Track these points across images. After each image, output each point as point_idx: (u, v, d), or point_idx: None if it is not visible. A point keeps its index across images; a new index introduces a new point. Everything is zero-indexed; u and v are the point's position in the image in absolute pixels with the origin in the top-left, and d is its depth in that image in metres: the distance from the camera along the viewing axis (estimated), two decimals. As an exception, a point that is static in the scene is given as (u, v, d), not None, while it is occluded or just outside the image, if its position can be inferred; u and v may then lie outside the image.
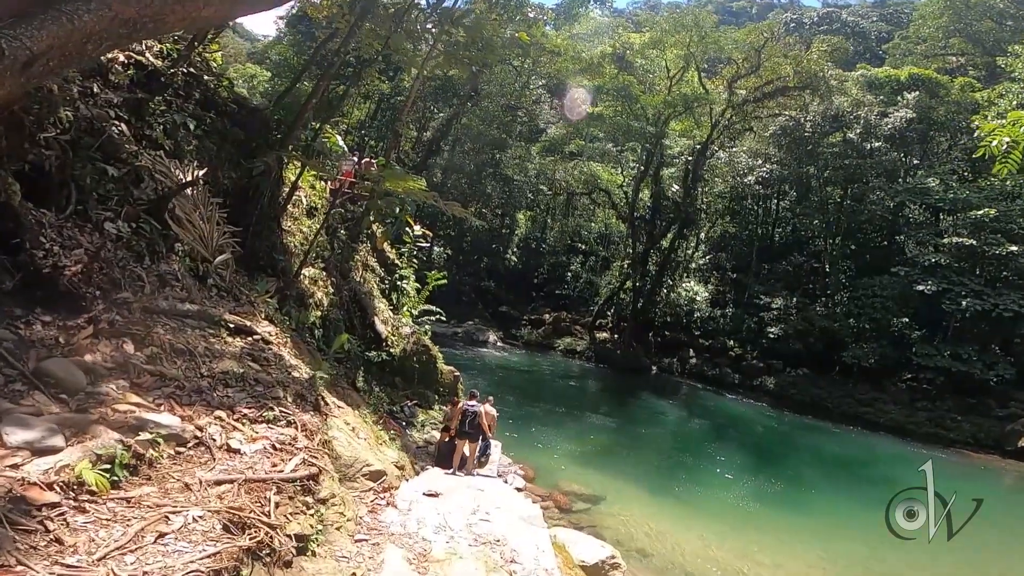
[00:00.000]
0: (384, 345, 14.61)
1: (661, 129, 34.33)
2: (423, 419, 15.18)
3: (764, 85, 33.30)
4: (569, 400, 24.34)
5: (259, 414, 5.07)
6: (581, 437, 19.08)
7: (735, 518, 14.83)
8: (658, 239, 35.78)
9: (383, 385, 14.78)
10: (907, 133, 33.09)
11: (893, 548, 12.94)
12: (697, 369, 33.75)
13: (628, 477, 16.22)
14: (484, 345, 34.23)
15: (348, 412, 7.45)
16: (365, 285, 16.28)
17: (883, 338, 30.87)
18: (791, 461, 20.37)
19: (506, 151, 40.31)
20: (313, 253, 13.94)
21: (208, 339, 5.54)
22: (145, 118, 8.07)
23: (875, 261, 35.23)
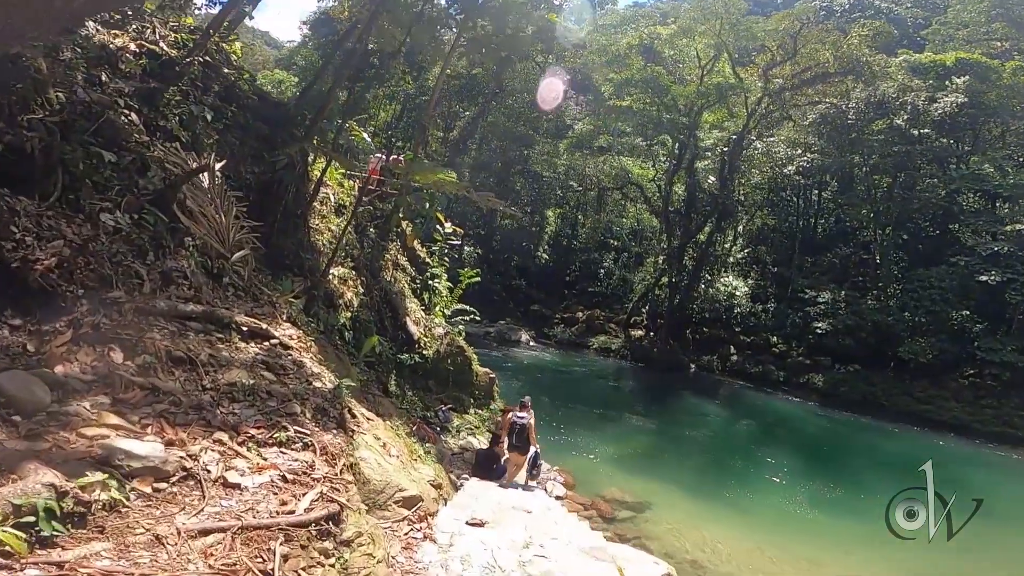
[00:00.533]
0: (417, 347, 13.77)
1: (694, 120, 32.72)
2: (458, 424, 14.27)
3: (802, 72, 31.41)
4: (606, 401, 23.14)
5: (269, 435, 4.18)
6: (621, 440, 17.90)
7: (793, 526, 13.53)
8: (694, 233, 34.15)
9: (416, 389, 13.93)
10: (958, 119, 30.82)
11: (971, 556, 11.56)
12: (738, 367, 32.02)
13: (673, 482, 15.00)
14: (516, 345, 33.27)
15: (379, 424, 6.55)
16: (396, 285, 15.48)
17: (941, 332, 28.64)
18: (849, 463, 18.73)
19: (533, 147, 39.26)
20: (342, 252, 13.21)
21: (214, 345, 4.70)
22: (159, 108, 7.39)
23: (928, 251, 33.04)
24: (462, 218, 43.51)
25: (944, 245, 32.83)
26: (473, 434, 14.44)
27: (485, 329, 34.82)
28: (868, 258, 35.06)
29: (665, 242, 35.19)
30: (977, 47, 40.15)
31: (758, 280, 36.69)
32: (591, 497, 13.19)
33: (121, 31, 7.10)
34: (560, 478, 13.74)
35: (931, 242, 33.92)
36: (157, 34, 8.14)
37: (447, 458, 13.00)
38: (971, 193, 31.84)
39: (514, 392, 21.28)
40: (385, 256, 15.59)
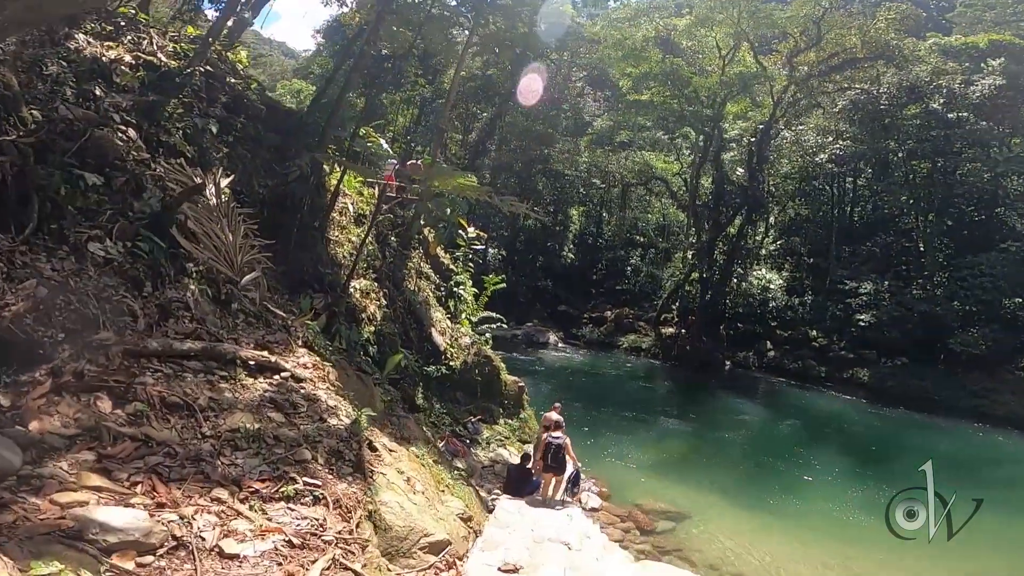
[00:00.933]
0: (443, 358, 13.27)
1: (718, 111, 31.47)
2: (488, 435, 13.72)
3: (829, 58, 29.88)
4: (638, 402, 22.27)
5: (276, 489, 3.66)
6: (656, 444, 17.06)
7: (844, 534, 12.46)
8: (724, 226, 32.87)
9: (444, 401, 13.45)
10: (998, 101, 28.94)
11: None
12: (776, 362, 30.64)
13: (713, 489, 14.12)
14: (545, 347, 32.59)
15: (403, 455, 6.00)
16: (420, 294, 15.02)
17: (994, 321, 26.84)
18: (901, 464, 17.35)
19: (554, 146, 38.49)
20: (363, 263, 12.80)
21: (216, 385, 4.22)
22: (161, 122, 7.02)
23: (975, 237, 31.14)
24: (485, 220, 43.04)
25: (992, 230, 31.09)
26: (503, 445, 13.87)
27: (513, 332, 34.22)
28: (911, 246, 33.27)
29: (694, 237, 34.00)
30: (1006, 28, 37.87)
31: (793, 272, 35.17)
32: (627, 507, 12.48)
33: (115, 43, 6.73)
34: (595, 488, 13.08)
35: (977, 227, 32.06)
36: (155, 45, 7.80)
37: (478, 472, 12.47)
38: (1016, 176, 29.88)
39: (544, 396, 20.65)
40: (408, 265, 15.16)
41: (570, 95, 42.36)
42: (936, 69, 29.42)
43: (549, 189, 40.81)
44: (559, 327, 35.24)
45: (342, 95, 11.38)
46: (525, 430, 14.95)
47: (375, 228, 14.57)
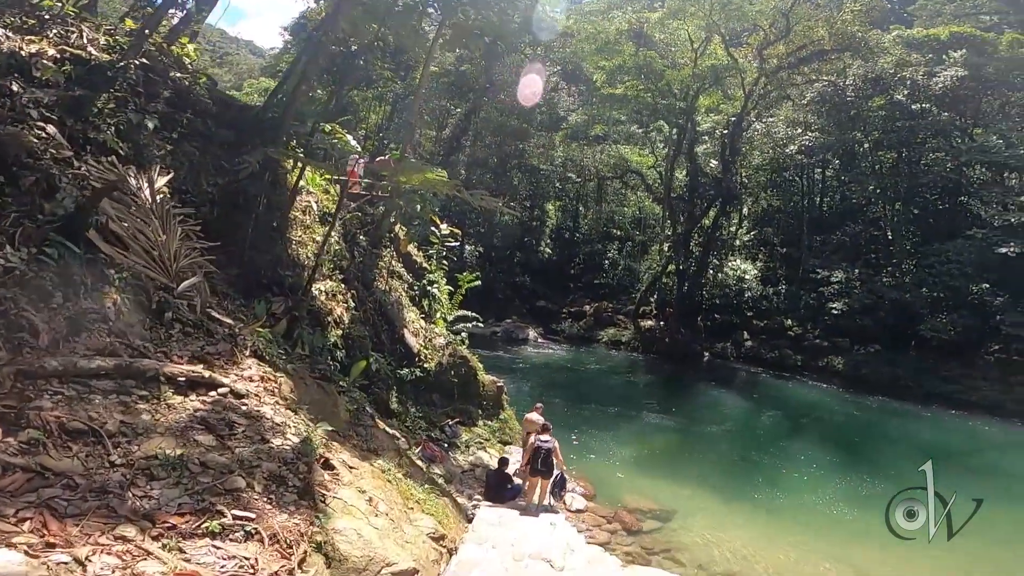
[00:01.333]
0: (417, 360, 12.71)
1: (691, 104, 31.42)
2: (467, 438, 13.22)
3: (797, 50, 30.04)
4: (620, 397, 22.01)
5: (197, 524, 3.11)
6: (639, 440, 16.77)
7: (831, 528, 12.32)
8: (699, 218, 32.87)
9: (420, 405, 12.90)
10: (959, 92, 29.50)
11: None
12: (754, 352, 30.78)
13: (698, 485, 13.85)
14: (524, 343, 32.17)
15: (365, 472, 5.46)
16: (392, 294, 14.41)
17: (962, 307, 27.28)
18: (883, 453, 17.50)
19: (529, 141, 38.03)
20: (329, 264, 12.16)
21: (131, 407, 3.64)
22: (89, 119, 6.33)
23: (940, 225, 31.74)
24: (460, 217, 42.37)
25: (957, 218, 31.68)
26: (483, 448, 13.41)
27: (491, 329, 33.75)
28: (879, 235, 33.81)
29: (670, 229, 33.96)
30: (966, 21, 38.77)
31: (767, 262, 35.45)
32: (613, 507, 12.13)
33: (38, 36, 6.01)
34: (579, 489, 12.71)
35: (942, 216, 32.65)
36: (85, 39, 7.09)
37: (457, 477, 11.96)
38: (978, 166, 30.47)
39: (525, 395, 20.21)
40: (378, 265, 14.53)
41: (544, 89, 41.84)
42: (900, 60, 29.85)
43: (525, 184, 40.35)
44: (538, 323, 34.87)
45: (298, 87, 10.70)
46: (505, 431, 14.51)
47: (342, 227, 13.95)
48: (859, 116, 32.55)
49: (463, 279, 15.61)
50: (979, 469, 15.78)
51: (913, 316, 28.13)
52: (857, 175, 35.05)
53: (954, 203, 32.22)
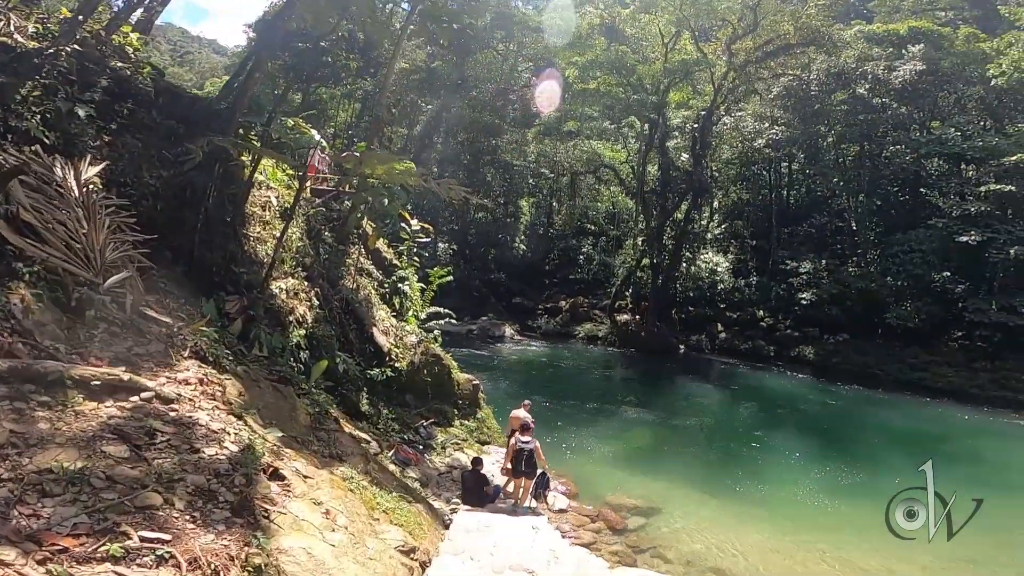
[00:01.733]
0: (388, 360, 12.10)
1: (662, 98, 31.41)
2: (443, 439, 12.68)
3: (764, 44, 30.34)
4: (598, 393, 21.75)
5: (95, 546, 2.55)
6: (620, 436, 16.47)
7: (813, 519, 12.23)
8: (671, 212, 32.91)
9: (392, 406, 12.29)
10: (918, 86, 30.22)
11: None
12: (728, 344, 30.97)
13: (680, 479, 13.63)
14: (501, 340, 31.69)
15: (323, 481, 4.91)
16: (360, 292, 13.76)
17: (926, 295, 27.97)
18: (860, 442, 17.63)
19: (502, 136, 37.53)
20: (292, 262, 11.47)
21: (27, 415, 3.04)
22: (11, 107, 5.65)
23: (901, 217, 32.61)
24: (434, 214, 41.61)
25: (917, 209, 32.48)
26: (460, 448, 12.89)
27: (467, 327, 33.18)
28: (843, 226, 34.47)
29: (643, 223, 33.95)
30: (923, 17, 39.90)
31: (738, 255, 35.78)
32: (597, 506, 11.79)
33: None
34: (562, 487, 12.33)
35: (903, 207, 33.49)
36: (12, 26, 6.40)
37: (434, 480, 11.42)
38: (936, 158, 31.25)
39: (503, 393, 19.74)
40: (346, 262, 13.86)
41: (517, 84, 41.40)
42: (862, 55, 30.36)
43: (498, 180, 39.85)
44: (515, 320, 34.43)
45: (251, 75, 10.00)
46: (483, 430, 14.01)
47: (307, 224, 13.27)
48: (823, 110, 33.14)
49: (435, 274, 15.06)
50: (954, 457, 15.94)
51: (879, 305, 28.68)
52: (822, 168, 35.67)
53: (914, 194, 33.01)
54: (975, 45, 29.63)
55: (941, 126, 30.56)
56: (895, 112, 31.00)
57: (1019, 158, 25.15)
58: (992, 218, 25.92)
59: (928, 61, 29.90)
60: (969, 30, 30.58)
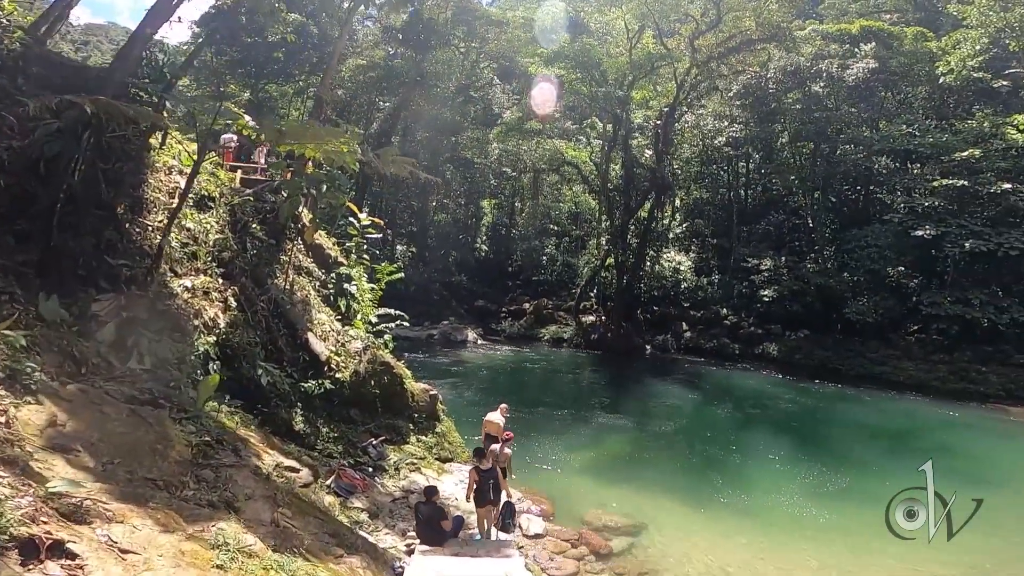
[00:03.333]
0: (327, 370, 10.14)
1: (627, 93, 30.49)
2: (396, 459, 10.79)
3: (727, 40, 29.91)
4: (568, 398, 20.26)
5: None
6: (594, 445, 14.97)
7: (806, 527, 11.20)
8: (635, 210, 31.95)
9: (334, 422, 10.33)
10: (871, 83, 30.43)
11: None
12: (693, 343, 30.15)
13: (662, 490, 12.29)
14: (463, 345, 29.84)
15: (157, 559, 3.06)
16: (297, 293, 11.75)
17: (882, 290, 27.94)
18: (836, 440, 16.77)
19: (462, 134, 35.78)
20: (206, 256, 9.40)
21: None
22: None
23: (854, 213, 32.91)
24: (391, 215, 39.41)
25: (868, 206, 32.87)
26: (417, 468, 11.00)
27: (428, 332, 31.18)
28: (799, 223, 34.45)
29: (607, 221, 32.87)
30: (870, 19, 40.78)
31: (699, 253, 35.23)
32: (576, 527, 10.31)
33: None
34: (536, 508, 10.70)
35: (855, 204, 33.80)
36: None
37: (386, 509, 9.51)
38: (885, 156, 31.53)
39: (467, 402, 17.90)
40: (279, 259, 11.82)
41: (479, 82, 39.75)
42: (819, 52, 30.30)
43: (459, 179, 38.04)
44: (477, 323, 32.65)
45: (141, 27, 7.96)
46: (444, 446, 12.18)
47: (230, 214, 11.19)
48: (779, 109, 33.11)
49: (382, 270, 13.16)
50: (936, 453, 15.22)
51: (837, 300, 28.53)
52: (778, 166, 35.67)
53: (866, 192, 33.31)
54: (923, 44, 29.98)
55: (889, 124, 30.81)
56: (847, 110, 31.08)
57: (971, 153, 25.32)
58: (946, 212, 26.00)
59: (879, 60, 30.08)
60: (917, 29, 30.98)
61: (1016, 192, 24.70)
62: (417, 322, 32.98)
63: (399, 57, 39.16)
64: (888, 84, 31.02)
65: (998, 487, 12.92)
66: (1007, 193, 24.73)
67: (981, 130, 26.90)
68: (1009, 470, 14.83)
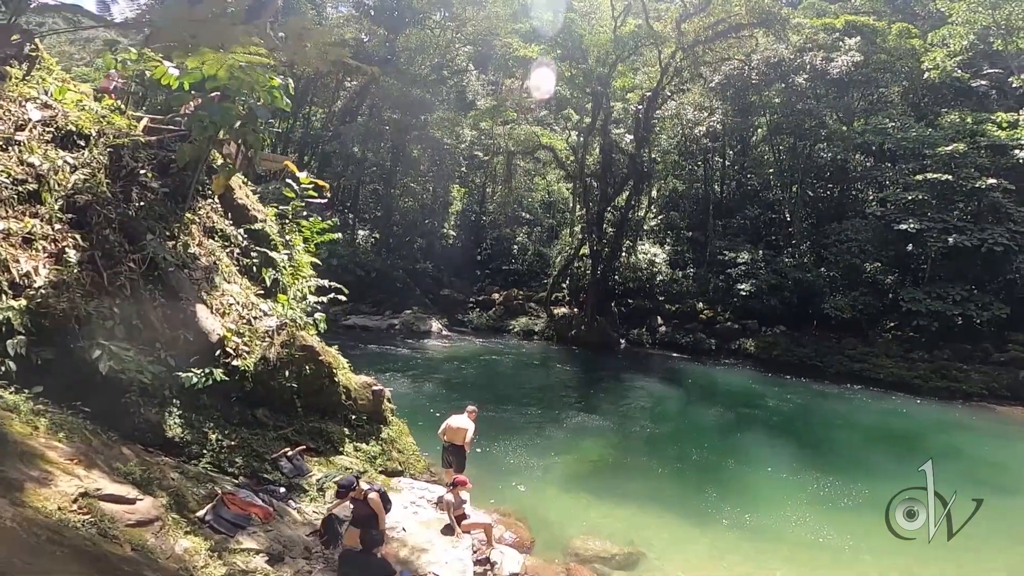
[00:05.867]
0: (222, 355, 7.30)
1: (610, 72, 28.23)
2: (322, 475, 7.97)
3: (715, 24, 28.00)
4: (540, 396, 17.75)
5: None
6: (572, 449, 12.50)
7: (824, 548, 9.16)
8: (612, 198, 29.73)
9: (232, 427, 7.49)
10: (854, 77, 29.16)
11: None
12: (669, 338, 28.15)
13: (655, 505, 10.02)
14: (427, 336, 26.97)
15: None
16: (203, 259, 8.82)
17: (861, 285, 26.63)
18: (834, 442, 14.87)
19: (433, 112, 32.76)
20: (51, 197, 6.44)
21: None
22: None
23: (831, 208, 31.80)
24: (353, 199, 36.15)
25: (844, 202, 31.97)
26: (349, 487, 8.25)
27: (388, 322, 28.14)
28: (775, 217, 33.15)
29: (582, 208, 30.55)
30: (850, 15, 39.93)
31: (674, 246, 33.38)
32: (563, 558, 8.02)
33: None
34: (510, 535, 8.15)
35: (832, 199, 32.73)
36: None
37: (299, 547, 6.69)
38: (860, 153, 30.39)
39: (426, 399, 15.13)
40: (184, 218, 8.85)
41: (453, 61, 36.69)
42: (808, 40, 28.80)
43: (426, 160, 34.99)
44: (443, 313, 29.79)
45: None
46: (392, 456, 9.40)
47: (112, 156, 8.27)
48: (760, 102, 31.79)
49: (309, 227, 10.28)
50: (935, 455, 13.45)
51: (815, 295, 27.16)
52: (756, 159, 34.25)
53: (843, 187, 32.23)
54: (906, 41, 28.79)
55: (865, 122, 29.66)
56: (829, 103, 29.75)
57: (955, 148, 24.16)
58: (928, 207, 24.73)
59: (864, 54, 28.82)
60: (903, 25, 29.81)
61: (999, 188, 23.61)
62: (377, 311, 30.04)
63: (373, 38, 35.85)
64: (870, 80, 29.76)
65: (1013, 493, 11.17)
66: (990, 189, 23.60)
67: (964, 126, 25.83)
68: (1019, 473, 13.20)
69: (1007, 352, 22.40)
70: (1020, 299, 22.85)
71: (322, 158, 34.00)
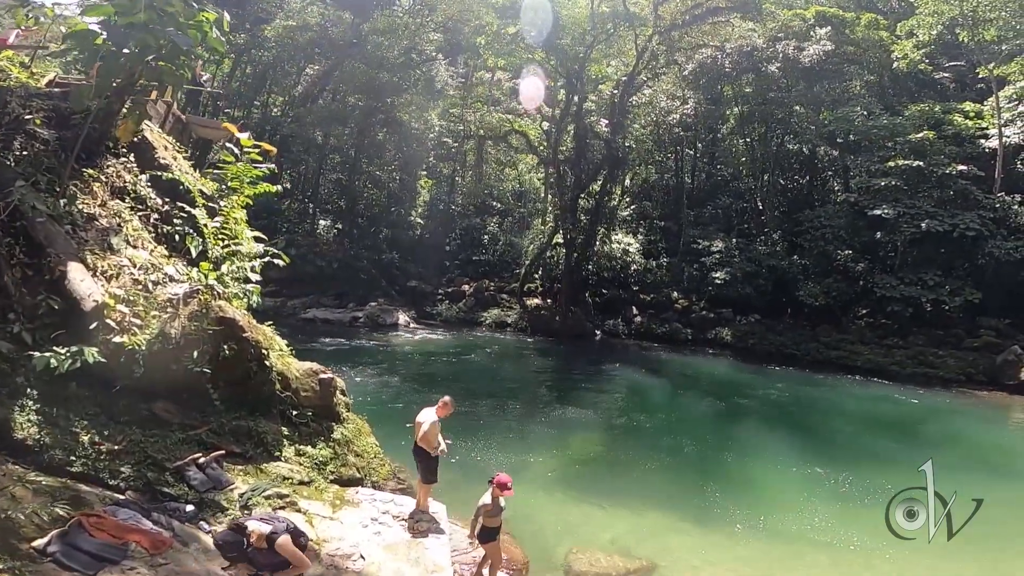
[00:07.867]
0: (99, 328, 5.37)
1: (586, 53, 26.92)
2: (247, 488, 6.06)
3: (692, 8, 27.11)
4: (518, 388, 16.18)
5: None
6: (557, 447, 10.95)
7: (850, 552, 7.82)
8: (586, 184, 28.44)
9: (118, 425, 5.56)
10: (825, 67, 28.82)
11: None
12: (645, 328, 27.05)
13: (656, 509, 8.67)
14: (394, 328, 25.01)
15: None
16: (103, 219, 6.82)
17: (834, 272, 26.17)
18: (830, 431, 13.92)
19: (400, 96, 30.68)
20: None
21: None
22: None
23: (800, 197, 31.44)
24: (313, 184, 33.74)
25: (813, 191, 31.73)
26: (292, 502, 6.30)
27: (352, 314, 26.02)
28: (747, 206, 32.65)
29: (556, 195, 29.13)
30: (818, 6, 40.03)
31: (648, 236, 32.40)
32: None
33: None
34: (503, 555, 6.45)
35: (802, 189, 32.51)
36: None
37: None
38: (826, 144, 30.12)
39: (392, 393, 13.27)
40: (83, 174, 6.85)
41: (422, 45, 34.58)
42: (784, 26, 28.15)
43: (392, 146, 32.86)
44: (410, 306, 27.84)
45: None
46: (346, 461, 7.49)
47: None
48: (732, 92, 31.19)
49: (236, 172, 8.31)
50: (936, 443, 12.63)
51: (789, 283, 26.62)
52: (728, 148, 33.70)
53: (812, 175, 32.03)
54: (875, 32, 28.55)
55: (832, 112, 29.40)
56: (799, 94, 29.33)
57: (925, 135, 23.91)
58: (899, 192, 24.39)
59: (835, 44, 28.45)
60: (871, 16, 29.56)
61: (969, 175, 23.43)
62: (340, 304, 27.84)
63: (337, 24, 33.42)
64: (838, 72, 29.49)
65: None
66: (960, 175, 23.40)
67: (932, 115, 25.70)
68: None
69: (979, 337, 22.21)
70: (990, 284, 22.64)
71: (280, 144, 31.46)
